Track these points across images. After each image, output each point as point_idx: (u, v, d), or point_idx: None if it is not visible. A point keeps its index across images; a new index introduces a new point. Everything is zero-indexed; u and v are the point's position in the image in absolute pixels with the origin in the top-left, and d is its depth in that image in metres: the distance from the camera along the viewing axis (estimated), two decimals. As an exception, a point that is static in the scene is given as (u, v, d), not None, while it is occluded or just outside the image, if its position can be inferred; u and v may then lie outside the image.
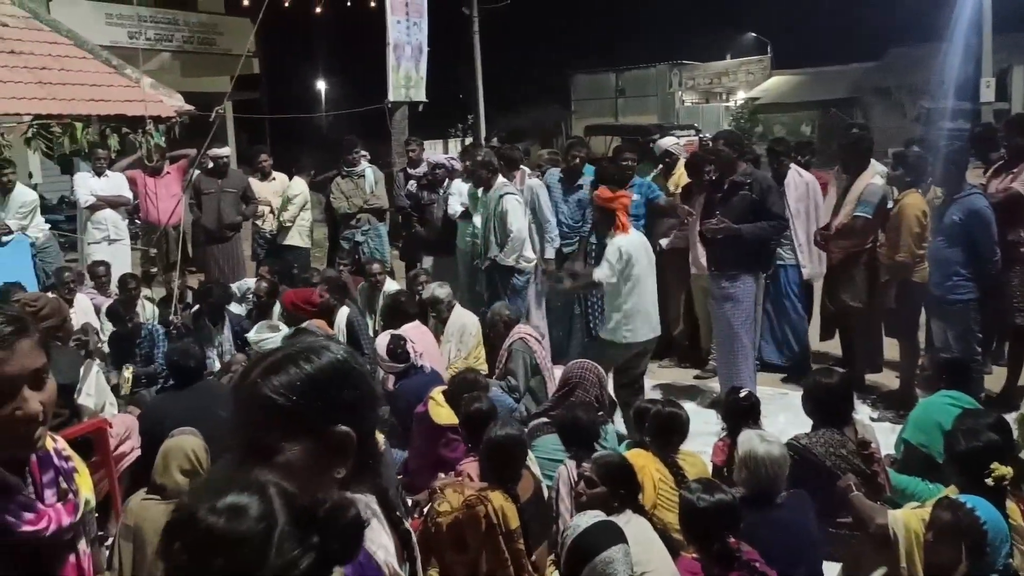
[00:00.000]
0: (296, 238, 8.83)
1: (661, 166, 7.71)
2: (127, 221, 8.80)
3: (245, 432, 1.28)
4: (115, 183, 8.45)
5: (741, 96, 33.74)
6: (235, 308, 6.92)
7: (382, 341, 5.39)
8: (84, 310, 6.60)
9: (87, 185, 8.35)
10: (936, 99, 20.59)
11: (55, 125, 7.56)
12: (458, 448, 4.44)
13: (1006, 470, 3.09)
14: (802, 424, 4.28)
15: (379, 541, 1.34)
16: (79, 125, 7.70)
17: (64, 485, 1.70)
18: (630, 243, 5.50)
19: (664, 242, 7.07)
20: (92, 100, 8.18)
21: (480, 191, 7.14)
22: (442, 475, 4.19)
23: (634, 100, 35.27)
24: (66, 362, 4.45)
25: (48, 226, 8.23)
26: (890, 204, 6.02)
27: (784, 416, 5.62)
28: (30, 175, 12.97)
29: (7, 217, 7.43)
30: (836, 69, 31.50)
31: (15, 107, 7.59)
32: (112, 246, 8.32)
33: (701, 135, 18.89)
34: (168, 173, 8.51)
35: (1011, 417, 4.64)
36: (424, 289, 6.87)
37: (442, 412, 4.58)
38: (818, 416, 4.07)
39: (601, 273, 5.45)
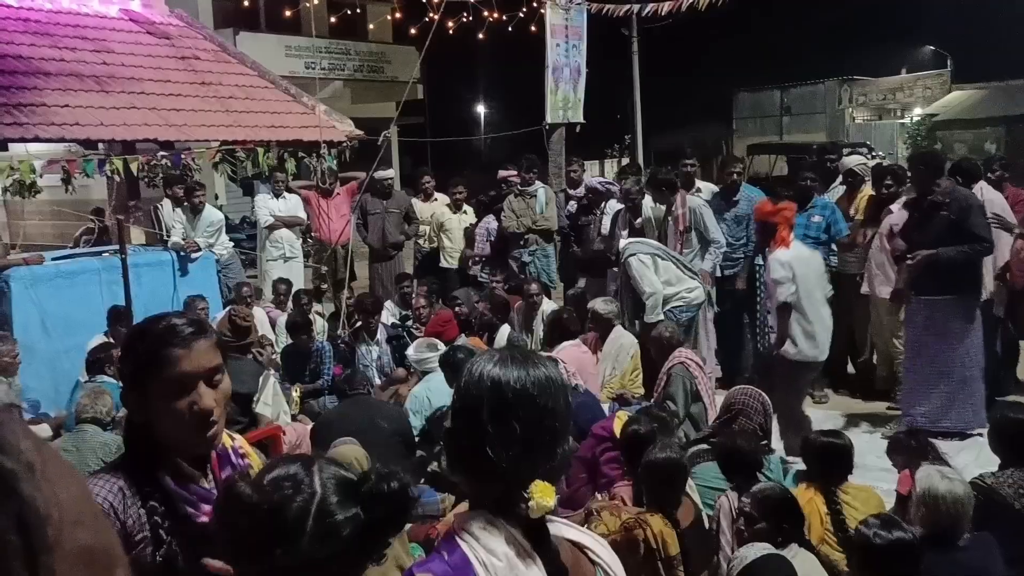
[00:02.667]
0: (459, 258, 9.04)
1: (843, 187, 7.34)
2: (300, 240, 9.32)
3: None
4: (292, 204, 8.96)
5: (917, 112, 31.85)
6: (391, 318, 7.17)
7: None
8: (261, 323, 7.03)
9: (267, 206, 8.88)
10: None
11: (239, 150, 8.15)
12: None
13: None
14: (987, 462, 4.00)
15: (499, 550, 1.31)
16: (261, 150, 8.28)
17: None
18: (793, 257, 5.28)
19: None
20: (272, 127, 8.79)
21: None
22: (599, 496, 4.16)
23: (800, 118, 34.04)
24: (247, 372, 4.76)
25: (232, 244, 8.81)
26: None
27: (967, 453, 5.23)
28: (216, 196, 14.02)
29: (196, 235, 8.01)
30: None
31: (205, 134, 8.26)
32: (287, 263, 8.83)
33: (874, 154, 17.92)
34: (339, 195, 8.95)
35: None
36: (589, 301, 6.89)
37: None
38: (1006, 454, 3.76)
39: (779, 296, 5.23)
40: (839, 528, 3.61)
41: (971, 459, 4.92)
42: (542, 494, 1.28)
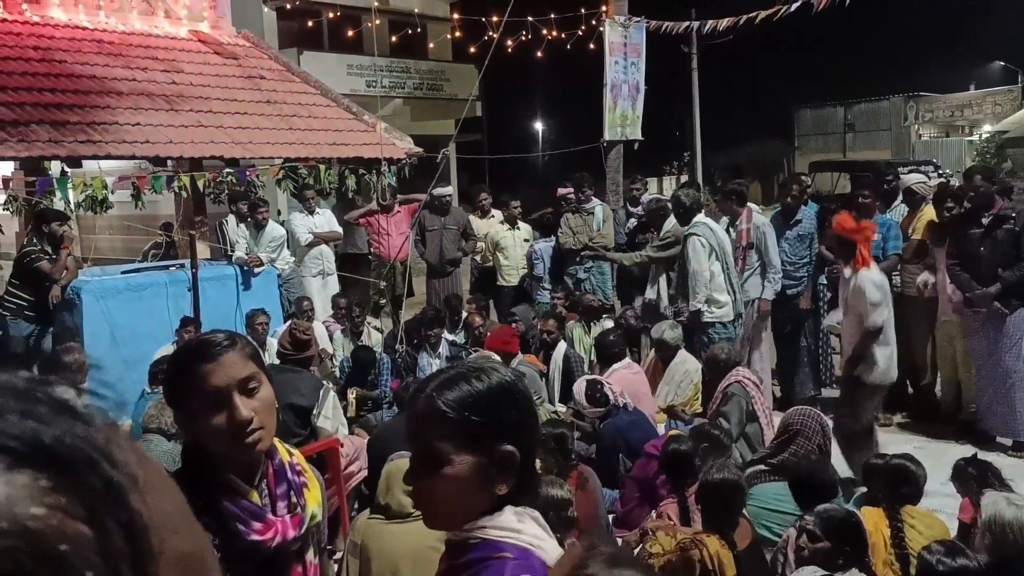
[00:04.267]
0: (515, 277, 9.04)
1: (904, 206, 7.19)
2: (335, 254, 9.28)
3: (418, 441, 1.38)
4: (327, 219, 9.02)
5: (987, 129, 31.00)
6: (453, 337, 7.23)
7: (580, 387, 5.43)
8: (320, 337, 7.15)
9: (304, 224, 8.87)
10: None
11: (302, 167, 8.34)
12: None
13: None
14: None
15: (547, 545, 1.37)
16: (322, 167, 8.45)
17: (294, 499, 1.83)
18: (882, 277, 5.21)
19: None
20: (334, 144, 8.97)
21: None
22: (654, 514, 4.13)
23: (864, 134, 33.44)
24: (307, 386, 4.84)
25: (293, 259, 8.96)
26: None
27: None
28: (279, 212, 14.36)
29: (260, 250, 8.18)
30: (1100, 97, 28.22)
31: (269, 151, 8.48)
32: (326, 279, 8.88)
33: (941, 172, 17.47)
34: (399, 212, 9.05)
35: None
36: (655, 327, 6.87)
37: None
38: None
39: (876, 318, 5.14)
40: (901, 553, 3.52)
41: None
42: None
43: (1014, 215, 5.73)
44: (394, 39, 16.89)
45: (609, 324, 7.32)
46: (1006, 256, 5.69)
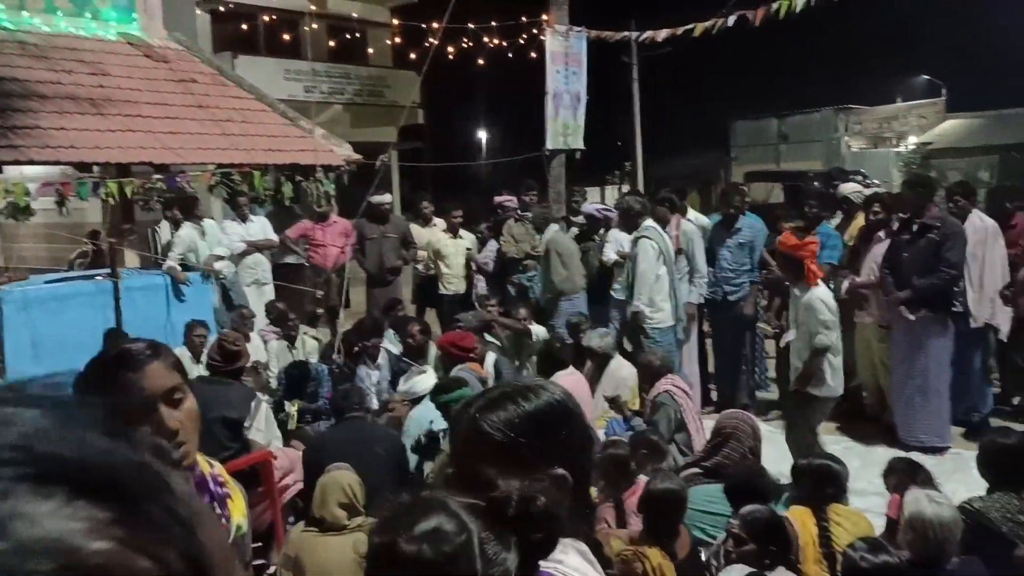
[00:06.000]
0: (457, 285, 9.00)
1: (840, 214, 7.39)
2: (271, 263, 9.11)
3: (463, 463, 1.30)
4: (262, 227, 8.84)
5: (912, 141, 32.03)
6: (394, 348, 7.17)
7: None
8: (255, 348, 7.01)
9: (236, 232, 8.68)
10: None
11: (235, 173, 8.18)
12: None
13: None
14: (976, 486, 3.98)
15: (579, 566, 1.30)
16: (257, 173, 8.31)
17: (217, 510, 1.79)
18: (829, 293, 5.30)
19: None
20: (269, 150, 8.82)
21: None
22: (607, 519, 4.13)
23: (797, 146, 34.20)
24: (239, 398, 4.75)
25: (235, 267, 8.69)
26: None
27: (957, 477, 5.22)
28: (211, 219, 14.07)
29: (218, 250, 8.00)
30: (1017, 112, 29.39)
31: (201, 157, 8.29)
32: (261, 288, 8.68)
33: (868, 181, 17.99)
34: (335, 222, 8.92)
35: None
36: (585, 336, 6.89)
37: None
38: (994, 478, 3.76)
39: (825, 338, 5.22)
40: (828, 551, 3.59)
41: (961, 483, 4.90)
42: None
43: (938, 225, 5.91)
44: (332, 44, 16.71)
45: (542, 332, 7.37)
46: (925, 264, 5.87)
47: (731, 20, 9.52)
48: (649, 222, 6.69)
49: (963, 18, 34.63)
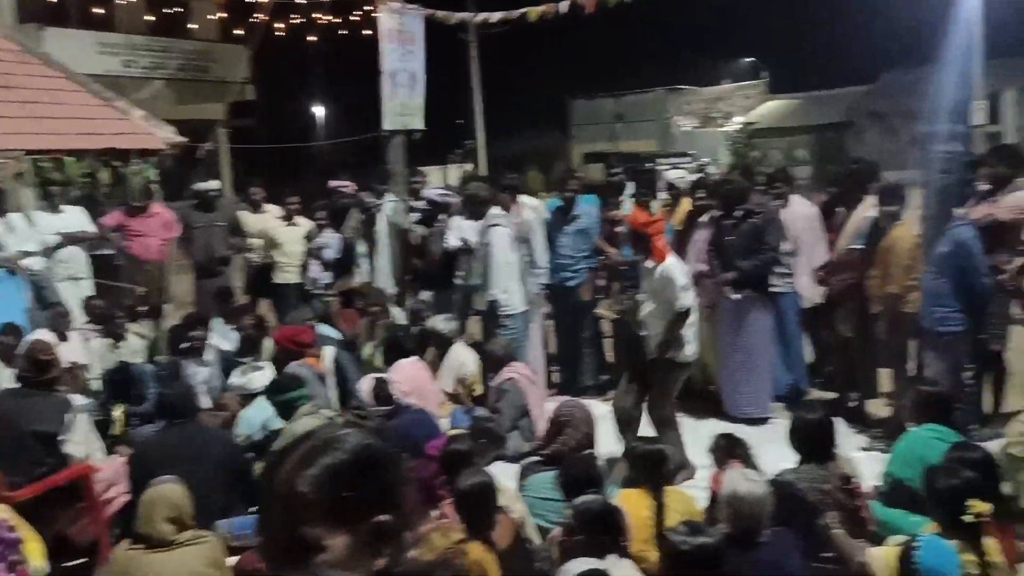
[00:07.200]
0: (293, 274, 8.72)
1: (668, 199, 7.70)
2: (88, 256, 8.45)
3: (284, 530, 1.23)
4: (73, 219, 8.05)
5: (738, 121, 33.83)
6: (224, 343, 6.89)
7: (365, 385, 5.38)
8: (73, 348, 6.55)
9: (50, 224, 7.87)
10: (929, 122, 20.67)
11: (46, 160, 7.58)
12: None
13: (984, 507, 3.11)
14: (793, 456, 4.25)
15: None
16: (70, 160, 7.73)
17: (13, 556, 1.67)
18: (679, 263, 5.45)
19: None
20: (83, 134, 8.23)
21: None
22: (434, 513, 4.15)
23: (632, 125, 35.33)
24: (53, 411, 4.45)
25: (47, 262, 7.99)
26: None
27: (776, 447, 5.58)
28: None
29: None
30: (831, 93, 31.65)
31: (6, 142, 7.63)
32: (78, 283, 7.97)
33: (698, 162, 18.90)
34: (156, 213, 8.37)
35: (995, 445, 4.63)
36: (430, 320, 6.90)
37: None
38: (802, 451, 4.05)
39: (685, 300, 5.38)
40: (659, 532, 3.77)
41: (781, 452, 5.25)
42: None
43: (759, 211, 6.32)
44: (151, 17, 15.73)
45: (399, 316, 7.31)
46: (748, 247, 6.26)
47: (564, 7, 9.67)
48: (497, 210, 6.72)
49: (784, 3, 36.76)
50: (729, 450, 4.34)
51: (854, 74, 31.22)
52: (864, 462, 5.06)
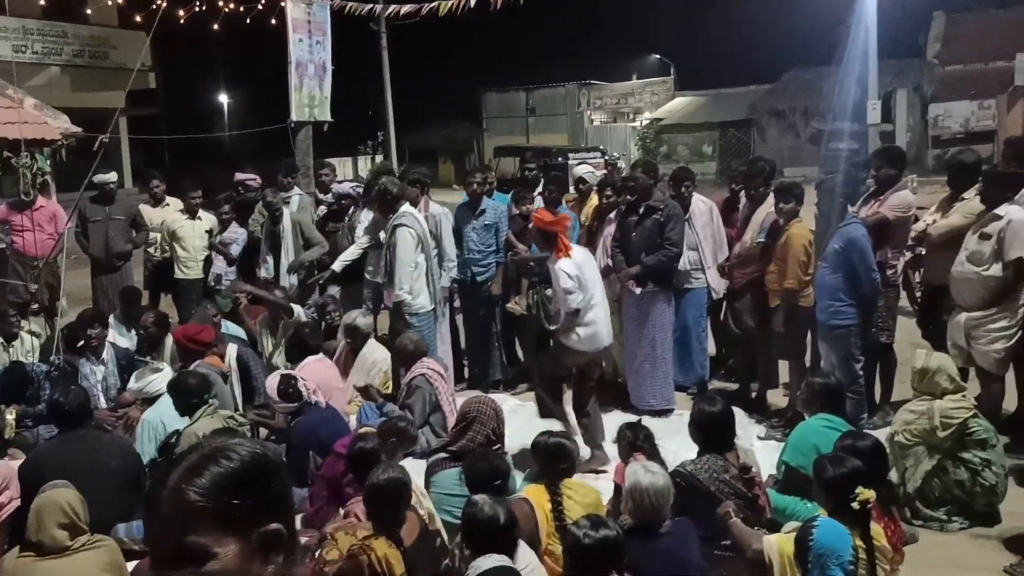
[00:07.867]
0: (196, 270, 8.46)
1: (576, 193, 7.80)
2: None
3: (173, 539, 1.23)
4: None
5: (647, 116, 34.49)
6: (122, 341, 6.66)
7: (272, 382, 5.30)
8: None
9: None
10: (827, 120, 21.54)
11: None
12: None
13: (869, 494, 3.27)
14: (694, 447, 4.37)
15: None
16: (-46, 151, 7.33)
17: None
18: (573, 264, 5.49)
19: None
20: (-32, 123, 7.81)
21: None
22: (341, 512, 4.12)
23: (545, 119, 35.66)
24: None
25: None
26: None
27: (680, 438, 5.74)
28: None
29: None
30: (734, 91, 32.64)
31: None
32: None
33: (607, 157, 19.15)
34: (43, 206, 7.99)
35: (884, 434, 4.89)
36: (332, 318, 6.80)
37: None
38: (702, 442, 4.18)
39: (571, 302, 5.39)
40: (561, 525, 3.83)
41: (684, 443, 5.41)
42: None
43: (663, 207, 6.46)
44: (43, 1, 15.02)
45: (301, 313, 7.17)
46: (651, 243, 6.41)
47: (473, 1, 9.69)
48: (406, 207, 6.66)
49: (690, 2, 37.61)
50: (633, 442, 4.43)
51: (757, 73, 32.27)
52: (762, 451, 5.28)
